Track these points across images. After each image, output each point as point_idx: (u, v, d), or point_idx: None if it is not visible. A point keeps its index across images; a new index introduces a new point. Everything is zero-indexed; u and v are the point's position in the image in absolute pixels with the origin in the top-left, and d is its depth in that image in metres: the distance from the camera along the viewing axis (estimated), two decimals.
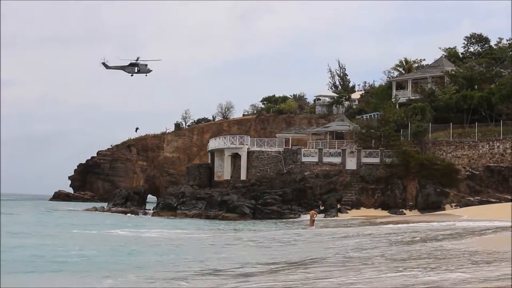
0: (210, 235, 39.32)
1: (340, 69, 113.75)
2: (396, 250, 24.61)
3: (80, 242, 32.45)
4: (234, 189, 68.27)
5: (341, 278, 16.90)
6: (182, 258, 25.61)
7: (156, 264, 23.72)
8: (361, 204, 63.76)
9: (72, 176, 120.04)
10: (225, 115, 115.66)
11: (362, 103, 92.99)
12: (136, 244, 31.95)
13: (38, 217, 61.23)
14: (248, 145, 72.44)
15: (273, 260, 23.32)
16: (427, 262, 19.35)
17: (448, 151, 64.94)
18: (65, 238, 35.99)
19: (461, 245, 24.52)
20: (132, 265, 23.50)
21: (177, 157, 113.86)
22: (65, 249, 28.99)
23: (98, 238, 36.62)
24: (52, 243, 31.67)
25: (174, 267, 22.61)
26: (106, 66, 79.85)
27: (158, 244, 32.61)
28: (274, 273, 19.51)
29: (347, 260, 22.00)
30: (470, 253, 21.45)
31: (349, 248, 27.05)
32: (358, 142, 68.54)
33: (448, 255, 21.33)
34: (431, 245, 25.56)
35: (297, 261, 22.73)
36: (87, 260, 25.12)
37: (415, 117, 66.55)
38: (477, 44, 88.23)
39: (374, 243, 28.23)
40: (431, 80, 76.20)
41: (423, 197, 61.91)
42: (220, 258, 25.09)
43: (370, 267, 19.22)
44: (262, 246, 30.67)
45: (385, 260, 21.18)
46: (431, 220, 43.66)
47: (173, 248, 30.66)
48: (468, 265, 18.20)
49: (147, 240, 34.93)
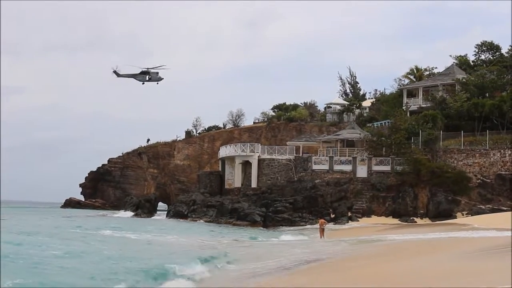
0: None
1: (351, 77, 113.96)
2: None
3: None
4: (244, 196, 68.33)
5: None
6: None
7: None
8: (372, 212, 63.63)
9: (83, 183, 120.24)
10: (236, 122, 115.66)
11: (373, 111, 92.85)
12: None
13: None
14: (258, 152, 72.49)
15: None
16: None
17: (459, 159, 64.76)
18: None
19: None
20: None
21: (188, 165, 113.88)
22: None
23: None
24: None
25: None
26: (117, 74, 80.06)
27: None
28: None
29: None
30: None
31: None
32: (369, 150, 68.44)
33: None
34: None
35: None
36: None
37: (426, 125, 66.48)
38: (488, 52, 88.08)
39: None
40: (442, 88, 76.07)
41: (434, 205, 61.74)
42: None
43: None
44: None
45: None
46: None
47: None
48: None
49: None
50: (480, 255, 22.24)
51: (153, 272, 22.01)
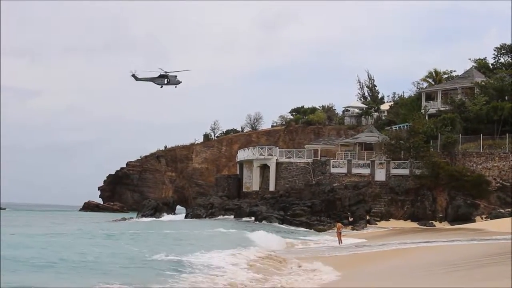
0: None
1: (369, 80, 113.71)
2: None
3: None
4: (262, 200, 68.37)
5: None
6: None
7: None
8: (390, 215, 63.44)
9: (101, 186, 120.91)
10: (254, 126, 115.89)
11: (391, 114, 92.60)
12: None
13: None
14: (277, 156, 72.51)
15: None
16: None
17: (479, 163, 64.38)
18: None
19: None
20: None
21: (205, 168, 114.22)
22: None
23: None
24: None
25: None
26: (136, 78, 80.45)
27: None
28: None
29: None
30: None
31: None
32: (387, 153, 68.19)
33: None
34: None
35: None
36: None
37: (444, 128, 66.20)
38: (507, 54, 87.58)
39: None
40: (461, 91, 75.69)
41: (453, 209, 61.45)
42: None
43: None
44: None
45: None
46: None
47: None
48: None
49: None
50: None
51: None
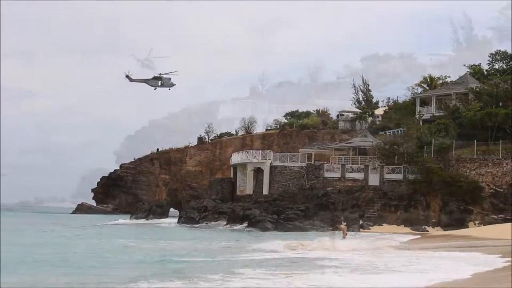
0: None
1: (364, 85, 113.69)
2: None
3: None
4: (256, 203, 68.26)
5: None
6: None
7: None
8: (383, 220, 63.40)
9: (95, 188, 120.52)
10: (248, 129, 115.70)
11: (385, 119, 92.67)
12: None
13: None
14: (271, 159, 72.46)
15: None
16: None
17: (472, 168, 64.47)
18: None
19: None
20: None
21: (199, 171, 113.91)
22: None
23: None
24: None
25: None
26: (130, 78, 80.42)
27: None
28: None
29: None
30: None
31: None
32: (381, 158, 68.21)
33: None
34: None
35: None
36: None
37: (438, 134, 66.30)
38: (502, 61, 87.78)
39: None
40: (455, 97, 75.85)
41: (446, 215, 61.51)
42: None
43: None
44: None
45: None
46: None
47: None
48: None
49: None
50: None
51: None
